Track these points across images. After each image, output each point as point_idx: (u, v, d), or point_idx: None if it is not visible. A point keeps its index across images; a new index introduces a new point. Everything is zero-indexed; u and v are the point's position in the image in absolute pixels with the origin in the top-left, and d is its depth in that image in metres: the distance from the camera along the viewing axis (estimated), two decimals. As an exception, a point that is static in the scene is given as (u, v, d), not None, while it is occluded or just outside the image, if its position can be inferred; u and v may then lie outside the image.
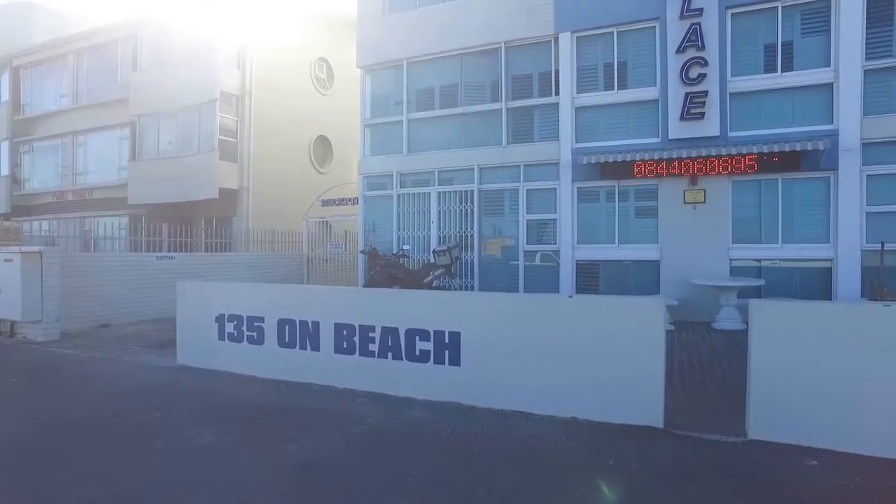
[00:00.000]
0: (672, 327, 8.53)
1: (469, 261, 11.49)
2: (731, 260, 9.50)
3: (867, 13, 8.78)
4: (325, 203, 15.15)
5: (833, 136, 8.80)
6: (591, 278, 10.49)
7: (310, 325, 5.87)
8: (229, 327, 6.39)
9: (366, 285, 10.93)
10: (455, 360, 5.10)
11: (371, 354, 5.51)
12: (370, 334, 5.52)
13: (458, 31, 11.51)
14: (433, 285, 10.28)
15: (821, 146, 8.57)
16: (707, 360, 6.62)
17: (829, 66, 9.00)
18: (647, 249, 10.06)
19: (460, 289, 11.12)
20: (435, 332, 5.20)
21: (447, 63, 11.86)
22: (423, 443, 4.16)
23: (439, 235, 11.81)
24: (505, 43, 11.11)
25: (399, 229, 12.26)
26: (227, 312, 6.41)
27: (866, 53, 8.81)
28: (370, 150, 12.84)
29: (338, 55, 18.26)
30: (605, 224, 10.41)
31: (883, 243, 8.42)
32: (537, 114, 11.06)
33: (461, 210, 11.60)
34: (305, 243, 15.35)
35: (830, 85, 8.99)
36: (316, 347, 5.83)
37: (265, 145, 16.78)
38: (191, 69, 16.13)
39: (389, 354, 5.43)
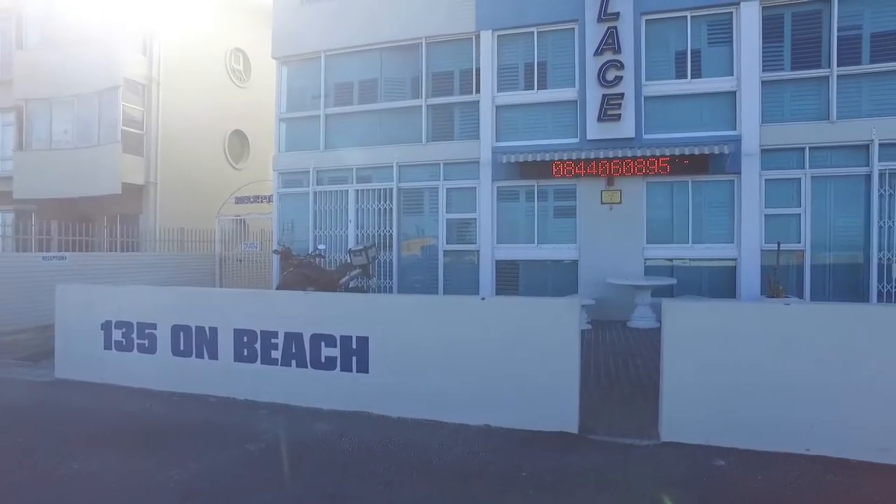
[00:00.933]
0: (589, 326, 8.58)
1: (388, 261, 11.14)
2: (645, 259, 9.71)
3: (763, 29, 9.27)
4: (239, 201, 14.31)
5: (737, 141, 9.20)
6: (510, 278, 10.42)
7: (207, 331, 5.35)
8: (117, 335, 5.76)
9: (279, 287, 10.33)
10: (363, 367, 4.77)
11: (274, 362, 5.07)
12: (273, 340, 5.08)
13: (379, 24, 11.18)
14: (350, 286, 9.86)
15: (726, 150, 8.93)
16: (622, 359, 6.63)
17: (732, 74, 9.42)
18: (566, 249, 10.11)
19: (378, 290, 10.74)
20: (342, 337, 4.85)
21: (367, 57, 11.49)
22: (324, 458, 3.78)
23: (357, 234, 11.39)
24: (426, 39, 10.89)
25: (316, 228, 11.73)
26: (115, 319, 5.77)
27: (763, 65, 9.29)
28: (286, 146, 12.23)
29: (256, 46, 17.35)
30: (525, 224, 10.38)
31: (779, 244, 8.89)
32: (458, 111, 10.90)
33: (380, 209, 11.23)
34: (218, 243, 14.42)
35: (734, 93, 9.41)
36: (214, 356, 5.32)
37: (175, 139, 15.65)
38: (89, 52, 14.73)
39: (293, 362, 5.01)
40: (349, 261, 10.00)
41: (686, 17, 9.50)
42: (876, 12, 9.05)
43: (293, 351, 5.01)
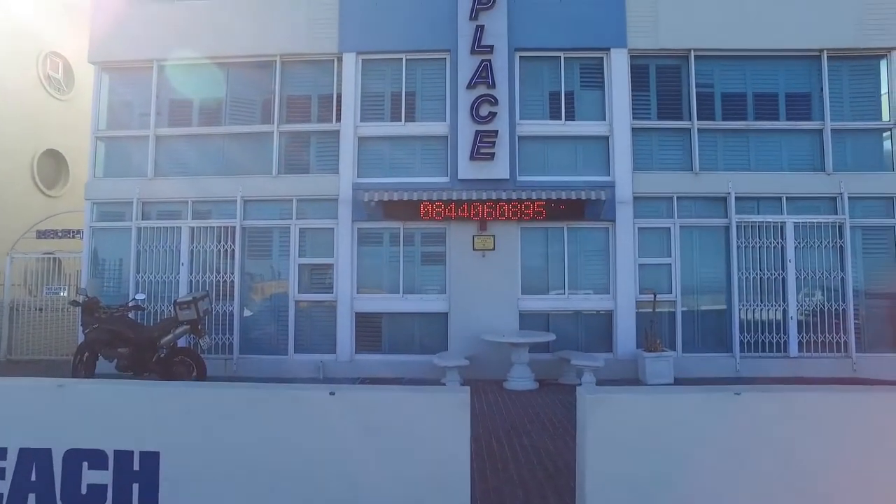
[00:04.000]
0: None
1: (228, 312, 9.26)
2: (520, 311, 8.94)
3: (631, 77, 9.22)
4: (42, 235, 11.55)
5: (611, 187, 8.88)
6: (373, 333, 9.09)
7: None
8: None
9: (80, 349, 8.06)
10: (151, 499, 3.09)
11: (-2, 499, 3.17)
12: (-1, 464, 3.19)
13: (228, 34, 9.56)
14: (175, 346, 7.91)
15: (603, 196, 8.54)
16: (508, 440, 5.53)
17: (604, 119, 9.18)
18: (435, 300, 9.04)
19: (213, 350, 8.82)
20: (117, 453, 3.14)
21: (211, 71, 9.75)
22: None
23: (192, 281, 9.41)
24: (281, 56, 9.48)
25: (139, 272, 9.52)
26: None
27: (633, 112, 9.18)
28: (104, 170, 9.97)
29: (83, 52, 14.73)
30: (389, 271, 9.17)
31: (655, 294, 8.59)
32: (315, 141, 9.53)
33: (220, 250, 9.39)
34: (8, 287, 11.41)
35: (606, 138, 9.16)
36: None
37: (-40, 156, 12.47)
38: None
39: (32, 497, 3.16)
40: (175, 315, 8.02)
41: (560, 57, 9.17)
42: (725, 74, 9.39)
43: (33, 479, 3.17)
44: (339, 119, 9.31)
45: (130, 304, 8.42)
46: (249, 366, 9.02)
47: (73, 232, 11.32)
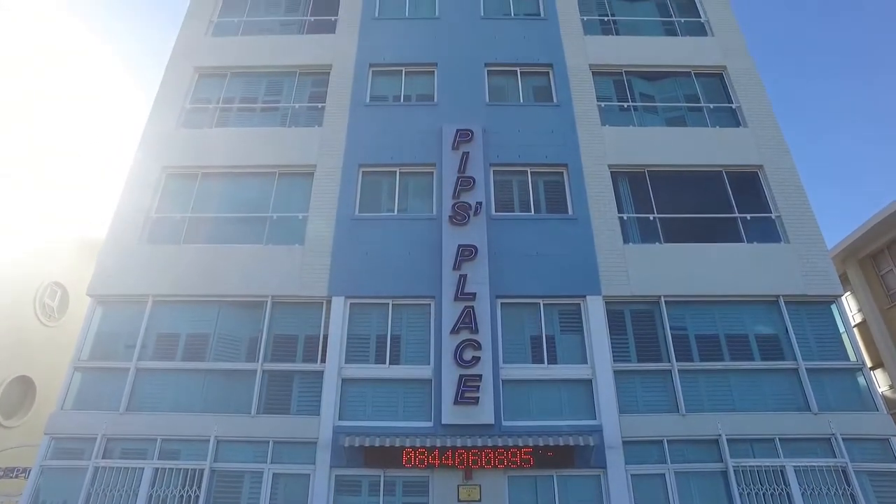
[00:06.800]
0: None
1: (178, 578, 8.10)
2: (509, 578, 7.95)
3: (609, 320, 9.68)
4: (-17, 474, 10.63)
5: (598, 431, 8.68)
6: None
7: None
8: None
9: None
10: None
11: None
12: None
13: (223, 274, 10.13)
14: None
15: (591, 441, 8.31)
16: None
17: (586, 363, 9.36)
18: (416, 564, 8.09)
19: None
20: None
21: (202, 309, 10.06)
22: None
23: (144, 535, 8.40)
24: (272, 297, 9.93)
25: (85, 521, 8.53)
26: None
27: (613, 355, 9.42)
28: (74, 402, 9.52)
29: (81, 282, 15.31)
30: (367, 527, 8.36)
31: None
32: (298, 381, 9.43)
33: (183, 496, 8.59)
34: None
35: (590, 381, 9.23)
36: None
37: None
38: None
39: None
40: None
41: (539, 303, 9.71)
42: (696, 317, 9.90)
43: None
44: (323, 360, 9.37)
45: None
46: None
47: (18, 471, 10.43)
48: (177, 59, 13.05)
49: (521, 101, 12.31)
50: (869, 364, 14.93)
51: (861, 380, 9.45)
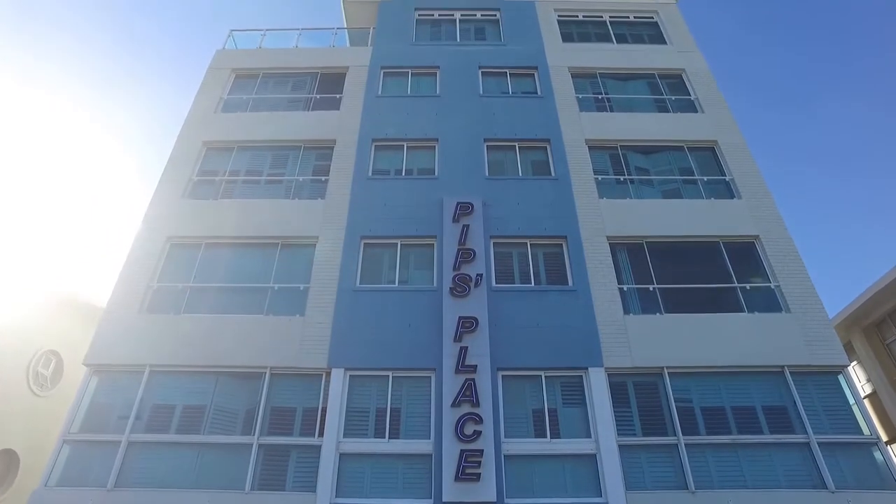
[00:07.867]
0: None
1: None
2: None
3: (612, 392, 9.50)
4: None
5: (605, 512, 8.32)
6: None
7: None
8: None
9: None
10: None
11: None
12: None
13: (221, 345, 10.05)
14: None
15: (599, 524, 7.93)
16: None
17: (590, 437, 9.11)
18: None
19: None
20: None
21: (199, 379, 9.91)
22: None
23: None
24: (271, 368, 9.81)
25: None
26: None
27: (618, 429, 9.18)
28: (59, 479, 9.13)
29: (77, 351, 15.11)
30: None
31: None
32: (295, 456, 9.15)
33: (166, 586, 8.13)
34: None
35: (594, 455, 8.95)
36: None
37: None
38: None
39: None
40: None
41: (540, 375, 9.58)
42: (700, 389, 9.71)
43: None
44: (321, 434, 9.12)
45: None
46: None
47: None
48: (187, 133, 13.56)
49: (520, 174, 12.68)
50: (885, 438, 14.52)
51: (878, 455, 9.13)
